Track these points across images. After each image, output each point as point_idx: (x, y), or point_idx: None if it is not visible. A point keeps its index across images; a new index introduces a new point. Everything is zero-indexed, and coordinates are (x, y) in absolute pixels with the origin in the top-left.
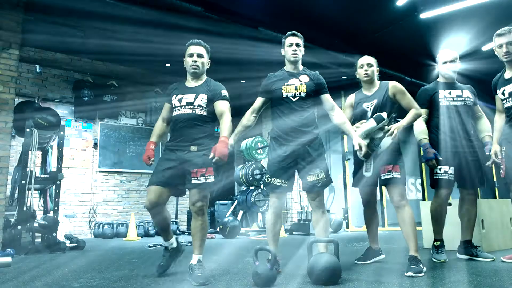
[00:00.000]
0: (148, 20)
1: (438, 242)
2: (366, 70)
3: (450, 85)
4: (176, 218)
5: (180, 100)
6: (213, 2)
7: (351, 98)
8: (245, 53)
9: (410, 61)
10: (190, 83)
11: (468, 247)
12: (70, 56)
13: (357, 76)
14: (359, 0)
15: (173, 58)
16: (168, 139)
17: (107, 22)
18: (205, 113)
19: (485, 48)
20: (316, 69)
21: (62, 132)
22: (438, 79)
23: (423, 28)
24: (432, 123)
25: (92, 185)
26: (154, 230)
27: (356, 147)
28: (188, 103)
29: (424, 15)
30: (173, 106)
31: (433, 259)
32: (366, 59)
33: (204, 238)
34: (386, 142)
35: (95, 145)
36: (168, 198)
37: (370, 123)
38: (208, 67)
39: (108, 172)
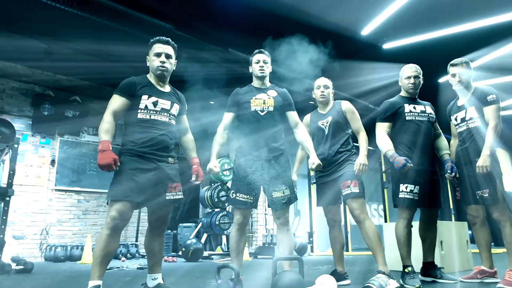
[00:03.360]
0: (117, 36)
1: (409, 268)
2: (323, 92)
3: (413, 100)
4: (137, 240)
5: (155, 104)
6: (185, 21)
7: (307, 117)
8: (215, 73)
9: (373, 89)
10: (160, 86)
11: (432, 269)
12: (32, 69)
13: (313, 96)
14: (327, 27)
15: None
16: (129, 141)
17: (74, 35)
18: (174, 123)
19: (441, 80)
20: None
21: (16, 145)
22: (400, 94)
23: (385, 59)
24: (397, 139)
25: (46, 204)
26: None
27: (311, 166)
28: (164, 110)
29: (387, 46)
30: (143, 107)
31: (406, 285)
32: (323, 81)
33: None
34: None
35: (53, 162)
36: None
37: None
38: (174, 68)
39: (65, 191)
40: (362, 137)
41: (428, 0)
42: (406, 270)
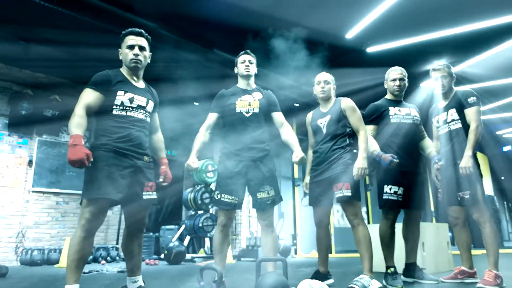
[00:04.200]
0: (99, 34)
1: (392, 269)
2: (323, 87)
3: (398, 102)
4: (117, 243)
5: (131, 100)
6: (169, 21)
7: (309, 115)
8: (200, 74)
9: (357, 92)
10: (134, 81)
11: (413, 269)
12: (9, 67)
13: (314, 93)
14: (312, 31)
15: None
16: (104, 136)
17: (54, 32)
18: (149, 121)
19: (423, 84)
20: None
21: None
22: (386, 96)
23: (369, 62)
24: (382, 141)
25: (22, 206)
26: (92, 257)
27: (294, 159)
28: (140, 107)
29: (370, 49)
30: (119, 104)
31: (388, 286)
32: (323, 76)
33: None
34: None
35: (30, 162)
36: None
37: None
38: (149, 61)
39: (43, 192)
40: (362, 137)
41: (411, 5)
42: (388, 270)
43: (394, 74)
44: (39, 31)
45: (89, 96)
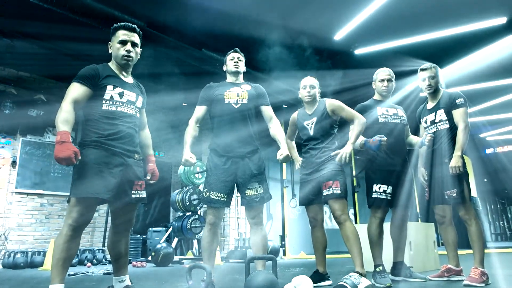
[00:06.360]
0: (86, 32)
1: (380, 268)
2: (309, 91)
3: (386, 103)
4: (104, 245)
5: (121, 95)
6: (157, 20)
7: (295, 115)
8: (188, 73)
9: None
10: (124, 76)
11: (401, 268)
12: None
13: (299, 96)
14: (301, 32)
15: None
16: (94, 132)
17: (39, 30)
18: (139, 117)
19: (409, 86)
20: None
21: None
22: (374, 97)
23: (357, 64)
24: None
25: (5, 208)
26: (77, 259)
27: (279, 157)
28: (130, 102)
29: (358, 51)
30: (109, 98)
31: (377, 284)
32: (309, 81)
33: None
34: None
35: (14, 163)
36: None
37: None
38: (139, 57)
39: (27, 193)
40: (355, 123)
41: (398, 8)
42: (377, 269)
43: (383, 74)
44: (24, 28)
45: (76, 91)
